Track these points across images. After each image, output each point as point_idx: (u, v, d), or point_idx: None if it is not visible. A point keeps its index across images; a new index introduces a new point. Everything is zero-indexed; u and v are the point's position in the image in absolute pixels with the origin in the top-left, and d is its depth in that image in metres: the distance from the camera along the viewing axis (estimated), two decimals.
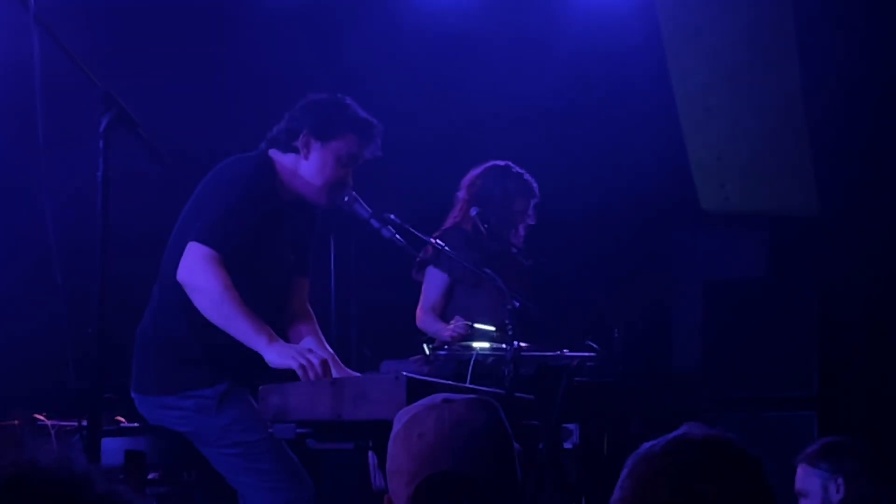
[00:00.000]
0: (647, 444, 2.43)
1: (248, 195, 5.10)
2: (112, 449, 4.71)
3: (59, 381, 4.65)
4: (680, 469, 2.36)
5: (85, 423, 4.17)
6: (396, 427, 2.88)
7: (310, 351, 4.93)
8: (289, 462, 5.05)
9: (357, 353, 7.70)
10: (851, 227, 8.58)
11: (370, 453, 5.24)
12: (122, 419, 5.79)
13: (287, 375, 4.89)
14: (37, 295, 6.79)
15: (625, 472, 2.43)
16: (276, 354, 4.88)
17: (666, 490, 2.35)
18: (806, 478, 4.83)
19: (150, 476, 4.97)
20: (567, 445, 6.14)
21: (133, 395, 5.20)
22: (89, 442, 3.99)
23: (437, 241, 5.85)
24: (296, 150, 5.26)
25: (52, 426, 5.90)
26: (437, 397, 2.90)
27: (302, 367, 4.81)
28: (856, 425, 7.61)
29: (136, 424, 5.59)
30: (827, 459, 4.80)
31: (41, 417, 5.97)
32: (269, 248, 5.19)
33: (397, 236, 5.27)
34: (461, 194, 6.98)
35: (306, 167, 5.26)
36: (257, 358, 4.92)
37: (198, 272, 4.93)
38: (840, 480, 4.74)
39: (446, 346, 6.21)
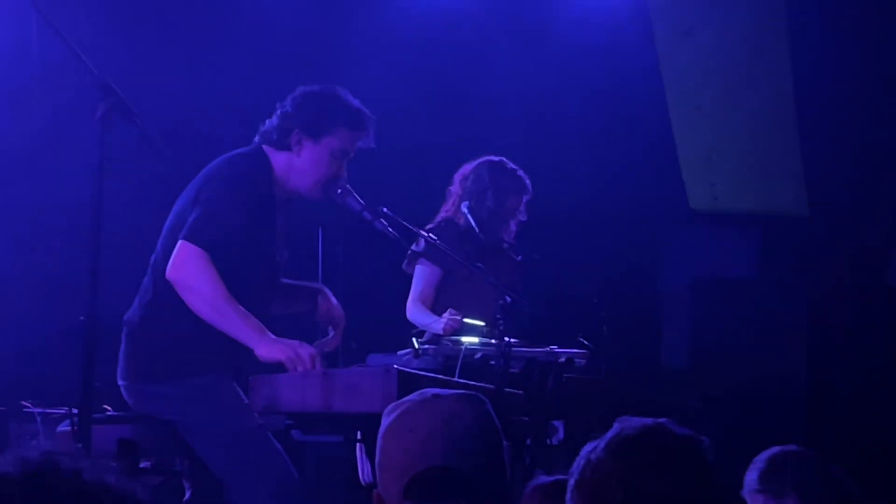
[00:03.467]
0: (586, 448, 2.45)
1: (245, 194, 5.10)
2: (102, 437, 4.70)
3: (47, 368, 4.66)
4: (622, 471, 2.37)
5: (75, 410, 4.16)
6: (386, 422, 2.88)
7: (300, 345, 4.94)
8: (274, 452, 5.05)
9: (344, 346, 7.69)
10: (840, 227, 8.61)
11: (358, 445, 5.25)
12: (109, 408, 5.78)
13: (277, 367, 4.91)
14: (27, 282, 6.80)
15: (571, 480, 2.45)
16: (266, 348, 4.90)
17: (614, 493, 2.36)
18: (753, 491, 4.64)
19: (141, 464, 4.96)
20: (552, 442, 6.14)
21: (120, 382, 5.19)
22: (80, 430, 3.99)
23: (430, 234, 5.86)
24: (288, 148, 5.25)
25: (39, 414, 5.88)
26: (427, 392, 2.90)
27: (291, 360, 4.82)
28: (843, 423, 7.65)
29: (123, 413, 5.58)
30: (784, 475, 4.62)
31: (28, 405, 5.95)
32: (264, 245, 5.20)
33: (390, 229, 5.28)
34: (454, 188, 6.98)
35: (300, 165, 5.25)
36: (245, 348, 4.94)
37: (188, 272, 4.95)
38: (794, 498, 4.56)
39: (435, 340, 6.21)
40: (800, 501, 4.39)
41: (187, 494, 5.20)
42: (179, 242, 4.98)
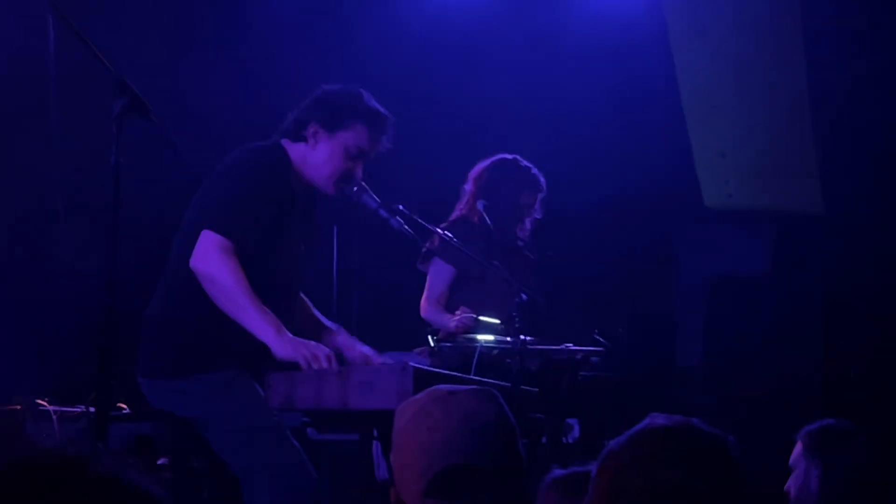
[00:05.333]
0: (612, 441, 2.45)
1: (262, 185, 5.11)
2: (119, 434, 4.71)
3: (64, 366, 4.67)
4: (647, 460, 2.37)
5: (92, 409, 4.17)
6: (402, 421, 2.87)
7: (316, 345, 4.94)
8: (292, 450, 5.05)
9: None
10: (856, 225, 8.58)
11: (374, 443, 5.25)
12: (124, 406, 5.79)
13: (295, 364, 4.90)
14: (44, 280, 6.81)
15: (594, 470, 2.44)
16: (283, 347, 4.89)
17: (636, 482, 2.37)
18: (797, 454, 4.78)
19: (158, 461, 4.96)
20: (568, 440, 6.14)
21: (140, 379, 5.20)
22: (97, 427, 3.99)
23: (445, 232, 5.86)
24: (304, 140, 5.27)
25: (55, 411, 5.90)
26: (441, 389, 2.90)
27: (306, 360, 4.82)
28: (859, 422, 7.61)
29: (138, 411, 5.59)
30: (814, 442, 4.73)
31: (43, 403, 5.97)
32: (282, 238, 5.20)
33: (405, 227, 5.28)
34: (468, 187, 6.98)
35: (314, 157, 5.26)
36: (264, 345, 4.93)
37: (211, 260, 4.94)
38: (819, 468, 4.67)
39: (450, 338, 6.21)
40: (823, 472, 4.53)
41: (204, 492, 5.20)
42: (203, 232, 4.98)
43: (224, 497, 5.14)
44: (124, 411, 5.73)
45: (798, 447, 4.77)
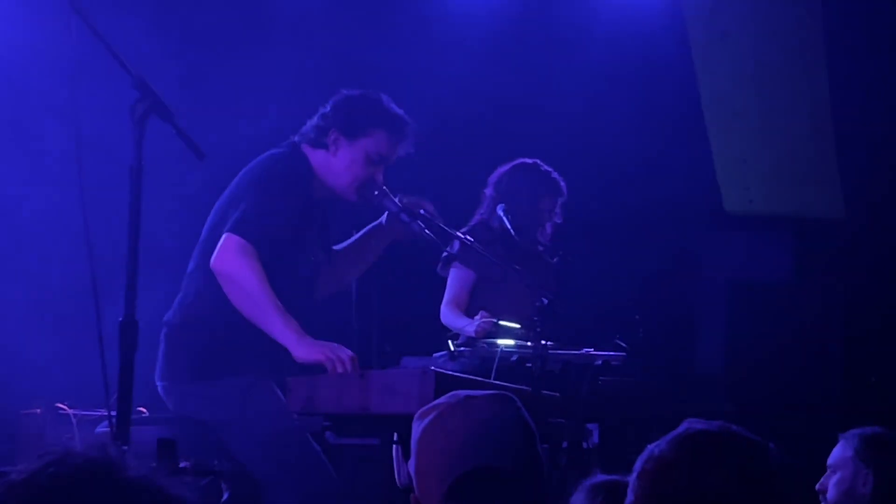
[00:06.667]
0: (651, 445, 2.45)
1: (285, 191, 5.11)
2: (140, 438, 4.70)
3: (86, 370, 4.65)
4: (687, 464, 2.37)
5: (114, 413, 4.16)
6: (420, 426, 2.87)
7: (338, 347, 4.94)
8: (313, 454, 5.05)
9: (378, 349, 7.70)
10: (877, 230, 8.56)
11: (395, 447, 5.24)
12: (144, 410, 5.79)
13: (315, 368, 4.90)
14: (64, 284, 6.82)
15: (634, 473, 2.44)
16: (304, 350, 4.90)
17: (676, 486, 2.37)
18: (843, 456, 4.77)
19: (181, 465, 4.96)
20: (585, 445, 6.12)
21: (159, 383, 5.20)
22: (119, 431, 3.98)
23: (466, 236, 5.85)
24: (325, 147, 5.27)
25: (75, 415, 5.90)
26: (459, 394, 2.89)
27: (330, 361, 4.82)
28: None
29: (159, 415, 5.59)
30: (870, 448, 4.72)
31: (63, 407, 5.97)
32: (302, 244, 5.20)
33: (426, 231, 5.27)
34: (489, 191, 6.97)
35: (335, 164, 5.26)
36: (284, 350, 4.93)
37: (232, 263, 4.95)
38: (870, 475, 4.68)
39: (470, 343, 6.20)
40: (876, 479, 4.57)
41: (225, 495, 5.20)
42: (225, 235, 4.99)
43: (245, 501, 5.14)
44: (144, 415, 5.73)
45: (843, 449, 4.75)
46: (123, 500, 1.75)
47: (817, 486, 4.80)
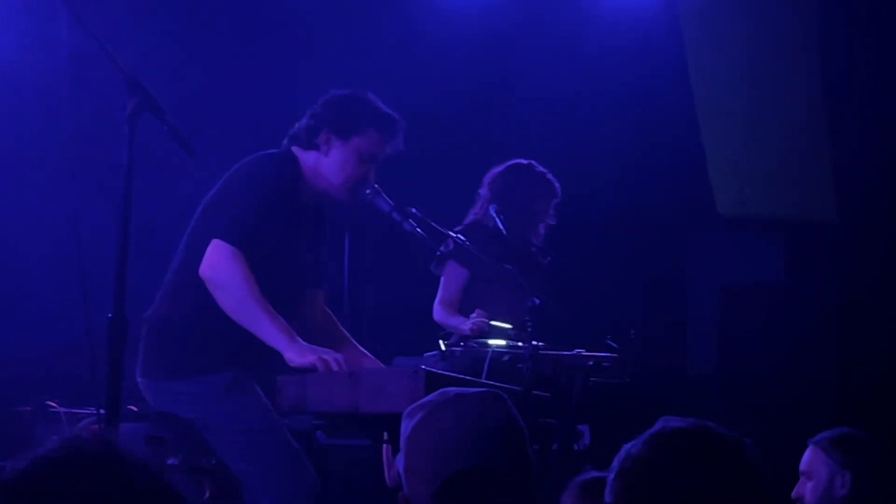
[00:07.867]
0: (627, 445, 2.44)
1: (272, 193, 5.09)
2: (127, 434, 4.69)
3: (75, 367, 4.64)
4: (664, 462, 2.37)
5: (102, 410, 4.15)
6: (410, 425, 2.86)
7: (326, 352, 4.92)
8: (293, 453, 5.04)
9: (370, 349, 7.69)
10: (870, 233, 8.56)
11: (384, 447, 5.23)
12: (135, 408, 5.78)
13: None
14: (53, 281, 6.81)
15: (611, 474, 2.44)
16: (296, 353, 4.87)
17: (654, 485, 2.36)
18: (815, 461, 4.76)
19: (169, 461, 4.95)
20: (576, 447, 6.11)
21: (139, 379, 5.18)
22: (107, 427, 3.97)
23: (459, 235, 5.84)
24: (317, 148, 5.25)
25: (65, 413, 5.89)
26: (449, 392, 2.88)
27: (323, 363, 4.80)
28: (873, 430, 7.58)
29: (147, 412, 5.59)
30: (841, 450, 4.72)
31: (53, 404, 5.96)
32: (289, 246, 5.19)
33: (419, 230, 5.26)
34: (483, 191, 6.97)
35: (327, 165, 5.24)
36: (265, 347, 4.92)
37: (222, 269, 4.93)
38: (848, 476, 4.67)
39: (462, 343, 6.20)
40: (855, 479, 4.60)
41: (206, 493, 5.18)
42: (213, 241, 4.96)
43: (226, 499, 5.13)
44: (135, 411, 5.73)
45: (815, 454, 4.75)
46: (125, 489, 1.75)
47: (793, 494, 4.80)
